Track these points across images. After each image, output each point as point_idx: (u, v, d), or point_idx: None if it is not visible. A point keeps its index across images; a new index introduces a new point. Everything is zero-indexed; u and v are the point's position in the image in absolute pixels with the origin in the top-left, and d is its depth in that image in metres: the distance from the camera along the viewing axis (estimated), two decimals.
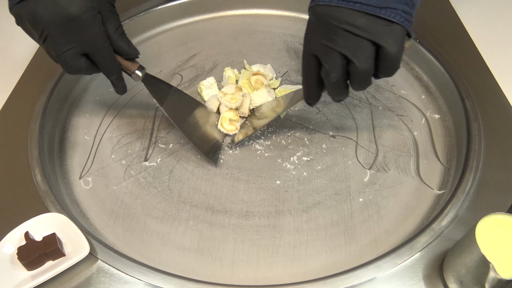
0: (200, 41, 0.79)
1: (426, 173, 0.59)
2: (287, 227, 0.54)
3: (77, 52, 0.52)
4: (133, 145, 0.63)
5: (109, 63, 0.55)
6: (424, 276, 0.47)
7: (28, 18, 0.49)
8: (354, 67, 0.46)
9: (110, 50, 0.54)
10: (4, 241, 0.48)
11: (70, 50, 0.51)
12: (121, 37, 0.55)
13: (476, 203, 0.53)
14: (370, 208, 0.56)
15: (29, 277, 0.47)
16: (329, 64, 0.47)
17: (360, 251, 0.52)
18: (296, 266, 0.51)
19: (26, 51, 0.74)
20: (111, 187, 0.58)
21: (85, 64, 0.53)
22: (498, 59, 0.71)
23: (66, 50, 0.51)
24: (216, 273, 0.50)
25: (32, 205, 0.53)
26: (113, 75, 0.56)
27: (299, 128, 0.65)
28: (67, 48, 0.51)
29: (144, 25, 0.79)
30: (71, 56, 0.51)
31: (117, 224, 0.55)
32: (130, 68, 0.57)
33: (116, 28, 0.54)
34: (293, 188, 0.58)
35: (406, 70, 0.73)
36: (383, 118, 0.66)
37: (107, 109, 0.68)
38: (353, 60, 0.45)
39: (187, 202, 0.57)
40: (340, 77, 0.48)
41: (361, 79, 0.48)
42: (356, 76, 0.47)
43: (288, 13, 0.84)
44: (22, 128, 0.61)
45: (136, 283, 0.47)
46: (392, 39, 0.45)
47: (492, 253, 0.39)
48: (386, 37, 0.44)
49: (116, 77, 0.57)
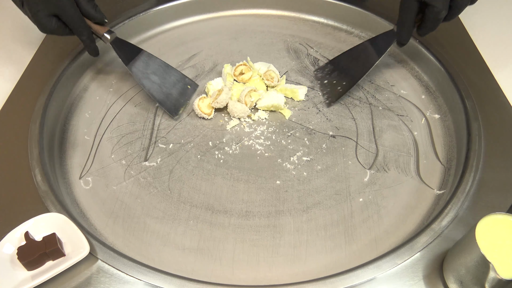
0: (200, 41, 0.79)
1: (426, 173, 0.59)
2: (287, 227, 0.54)
3: (47, 13, 0.59)
4: (133, 145, 0.63)
5: (77, 23, 0.61)
6: (424, 276, 0.47)
7: None
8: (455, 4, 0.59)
9: (76, 11, 0.60)
10: (4, 241, 0.48)
11: (41, 11, 0.58)
12: (88, 2, 0.61)
13: (476, 203, 0.53)
14: (370, 208, 0.56)
15: (29, 277, 0.47)
16: (439, 3, 0.58)
17: (360, 251, 0.52)
18: (296, 266, 0.51)
19: (26, 51, 0.74)
20: (111, 187, 0.58)
21: (56, 24, 0.60)
22: (498, 59, 0.71)
23: (37, 11, 0.58)
24: (216, 273, 0.50)
25: (32, 205, 0.53)
26: (82, 35, 0.62)
27: (299, 128, 0.65)
28: (38, 8, 0.58)
29: (144, 25, 0.79)
30: (42, 16, 0.59)
31: (117, 224, 0.55)
32: (99, 31, 0.64)
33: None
34: (293, 188, 0.58)
35: (406, 70, 0.73)
36: (383, 118, 0.66)
37: (107, 109, 0.68)
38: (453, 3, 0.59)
39: (187, 202, 0.57)
40: (446, 13, 0.59)
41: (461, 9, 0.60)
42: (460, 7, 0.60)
43: (288, 13, 0.84)
44: (22, 128, 0.61)
45: (136, 283, 0.47)
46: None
47: (492, 253, 0.39)
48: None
49: (86, 37, 0.63)
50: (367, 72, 0.67)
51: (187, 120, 0.66)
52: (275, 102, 0.66)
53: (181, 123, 0.66)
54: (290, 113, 0.67)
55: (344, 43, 0.79)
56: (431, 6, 0.59)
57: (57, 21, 0.60)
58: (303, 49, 0.78)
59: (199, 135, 0.64)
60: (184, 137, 0.64)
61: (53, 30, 0.61)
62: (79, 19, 0.61)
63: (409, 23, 0.63)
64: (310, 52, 0.77)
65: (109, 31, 0.64)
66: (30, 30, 0.57)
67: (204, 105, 0.66)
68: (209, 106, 0.66)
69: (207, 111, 0.66)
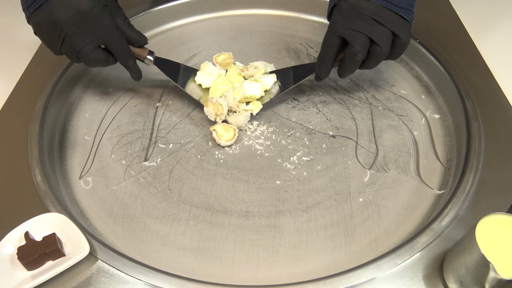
0: (200, 41, 0.79)
1: (426, 173, 0.59)
2: (287, 227, 0.54)
3: (95, 45, 0.57)
4: (133, 145, 0.63)
5: (124, 51, 0.60)
6: (424, 276, 0.47)
7: (46, 23, 0.54)
8: (378, 49, 0.57)
9: (123, 39, 0.59)
10: (4, 241, 0.48)
11: (89, 44, 0.56)
12: (130, 27, 0.61)
13: (476, 203, 0.53)
14: (370, 208, 0.56)
15: (29, 277, 0.47)
16: (357, 45, 0.56)
17: (360, 251, 0.52)
18: (296, 266, 0.51)
19: (26, 51, 0.74)
20: (111, 187, 0.58)
21: (103, 55, 0.59)
22: (498, 59, 0.71)
23: (85, 45, 0.56)
24: (216, 273, 0.50)
25: (32, 205, 0.53)
26: (129, 62, 0.62)
27: (299, 128, 0.65)
28: (85, 42, 0.56)
29: (144, 25, 0.79)
30: (90, 49, 0.57)
31: (117, 224, 0.55)
32: (141, 54, 0.64)
33: (124, 19, 0.60)
34: (293, 188, 0.58)
35: (406, 70, 0.73)
36: (383, 118, 0.66)
37: (107, 109, 0.68)
38: (379, 43, 0.56)
39: (187, 202, 0.57)
40: (363, 57, 0.58)
41: (378, 59, 0.59)
42: (376, 56, 0.58)
43: (288, 13, 0.84)
44: (22, 128, 0.61)
45: (136, 283, 0.47)
46: (406, 31, 0.57)
47: (492, 253, 0.39)
48: (402, 29, 0.56)
49: (132, 64, 0.63)
50: (279, 94, 0.66)
51: (187, 120, 0.66)
52: (248, 94, 0.64)
53: (181, 123, 0.66)
54: (259, 108, 0.65)
55: None
56: (350, 46, 0.57)
57: (104, 52, 0.59)
58: (303, 49, 0.78)
59: (199, 135, 0.64)
60: (184, 137, 0.64)
61: (100, 61, 0.59)
62: (126, 46, 0.60)
63: (327, 60, 0.60)
64: (310, 52, 0.77)
65: (150, 52, 0.64)
66: (30, 30, 0.57)
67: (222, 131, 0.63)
68: (226, 128, 0.63)
69: (228, 135, 0.63)
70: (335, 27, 0.58)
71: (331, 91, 0.70)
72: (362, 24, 0.55)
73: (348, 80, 0.72)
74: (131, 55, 0.62)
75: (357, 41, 0.56)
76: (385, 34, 0.56)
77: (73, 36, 0.55)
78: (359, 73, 0.73)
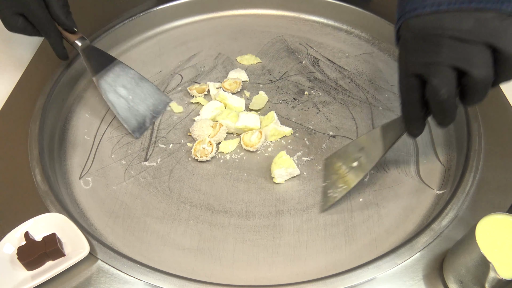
0: (200, 41, 0.79)
1: (426, 173, 0.59)
2: (287, 227, 0.54)
3: (13, 11, 0.58)
4: (133, 145, 0.63)
5: (43, 24, 0.59)
6: (424, 276, 0.47)
7: None
8: (471, 79, 0.39)
9: (43, 12, 0.58)
10: (4, 241, 0.48)
11: (6, 9, 0.58)
12: (60, 7, 0.60)
13: (476, 203, 0.53)
14: (370, 208, 0.56)
15: (29, 277, 0.47)
16: (437, 79, 0.40)
17: (360, 251, 0.52)
18: (296, 266, 0.51)
19: (26, 51, 0.74)
20: (111, 187, 0.58)
21: (22, 23, 0.59)
22: None
23: (3, 9, 0.58)
24: (216, 273, 0.50)
25: (32, 205, 0.53)
26: (49, 36, 0.61)
27: (299, 128, 0.65)
28: (3, 6, 0.58)
29: (144, 25, 0.79)
30: (7, 14, 0.58)
31: (117, 224, 0.55)
32: (70, 38, 0.62)
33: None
34: (293, 188, 0.58)
35: None
36: (383, 118, 0.66)
37: (107, 109, 0.68)
38: (468, 70, 0.39)
39: (187, 202, 0.57)
40: (451, 93, 0.41)
41: (479, 90, 0.40)
42: (474, 88, 0.40)
43: (288, 13, 0.84)
44: (22, 128, 0.61)
45: (136, 283, 0.47)
46: (509, 37, 0.38)
47: (492, 253, 0.39)
48: (502, 35, 0.38)
49: (53, 40, 0.61)
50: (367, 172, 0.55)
51: (187, 120, 0.66)
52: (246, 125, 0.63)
53: (181, 123, 0.66)
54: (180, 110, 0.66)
55: (344, 43, 0.79)
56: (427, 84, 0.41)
57: (24, 20, 0.59)
58: (303, 49, 0.78)
59: None
60: (184, 137, 0.64)
61: (19, 29, 0.60)
62: (46, 20, 0.59)
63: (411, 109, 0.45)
64: (310, 52, 0.77)
65: (81, 38, 0.62)
66: None
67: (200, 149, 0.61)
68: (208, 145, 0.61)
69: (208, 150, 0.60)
70: (404, 65, 0.44)
71: (331, 91, 0.70)
72: (437, 50, 0.40)
73: (348, 80, 0.72)
74: (51, 29, 0.60)
75: (436, 74, 0.40)
76: (474, 53, 0.39)
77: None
78: (359, 73, 0.73)
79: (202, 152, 0.60)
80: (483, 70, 0.39)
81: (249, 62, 0.75)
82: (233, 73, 0.72)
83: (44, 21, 0.59)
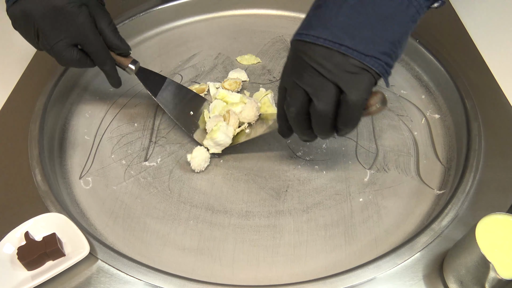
0: (200, 41, 0.79)
1: (426, 173, 0.59)
2: (287, 227, 0.54)
3: (68, 42, 0.55)
4: (133, 145, 0.63)
5: (100, 53, 0.57)
6: (424, 276, 0.47)
7: (21, 16, 0.53)
8: (313, 106, 0.46)
9: (99, 40, 0.56)
10: (4, 241, 0.48)
11: (61, 42, 0.54)
12: (113, 32, 0.58)
13: (476, 203, 0.53)
14: (370, 208, 0.56)
15: (29, 277, 0.47)
16: (290, 98, 0.47)
17: (360, 251, 0.52)
18: (296, 266, 0.51)
19: (26, 51, 0.74)
20: (111, 187, 0.58)
21: (77, 55, 0.56)
22: (498, 59, 0.71)
23: (57, 42, 0.54)
24: (216, 273, 0.50)
25: (32, 205, 0.53)
26: (105, 65, 0.58)
27: None
28: (57, 39, 0.54)
29: (144, 25, 0.79)
30: (62, 47, 0.55)
31: (117, 224, 0.55)
32: (123, 63, 0.60)
33: (108, 23, 0.57)
34: (293, 188, 0.58)
35: (406, 70, 0.73)
36: (383, 118, 0.66)
37: (107, 109, 0.68)
38: (313, 98, 0.45)
39: (187, 202, 0.57)
40: (299, 113, 0.47)
41: (320, 121, 0.47)
42: (315, 116, 0.47)
43: (288, 13, 0.84)
44: (22, 128, 0.61)
45: (136, 283, 0.47)
46: (356, 87, 0.44)
47: (492, 253, 0.39)
48: (351, 83, 0.44)
49: (109, 68, 0.59)
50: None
51: None
52: None
53: None
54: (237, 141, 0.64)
55: None
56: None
57: (78, 51, 0.56)
58: None
59: None
60: (184, 137, 0.64)
61: (74, 61, 0.56)
62: (102, 47, 0.57)
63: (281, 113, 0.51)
64: None
65: (133, 61, 0.61)
66: None
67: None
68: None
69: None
70: (281, 75, 0.50)
71: None
72: (301, 73, 0.45)
73: None
74: (108, 59, 0.58)
75: (291, 93, 0.47)
76: (323, 87, 0.44)
77: (47, 31, 0.53)
78: None
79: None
80: (325, 103, 0.45)
81: (249, 62, 0.75)
82: (233, 73, 0.72)
83: (101, 49, 0.57)
